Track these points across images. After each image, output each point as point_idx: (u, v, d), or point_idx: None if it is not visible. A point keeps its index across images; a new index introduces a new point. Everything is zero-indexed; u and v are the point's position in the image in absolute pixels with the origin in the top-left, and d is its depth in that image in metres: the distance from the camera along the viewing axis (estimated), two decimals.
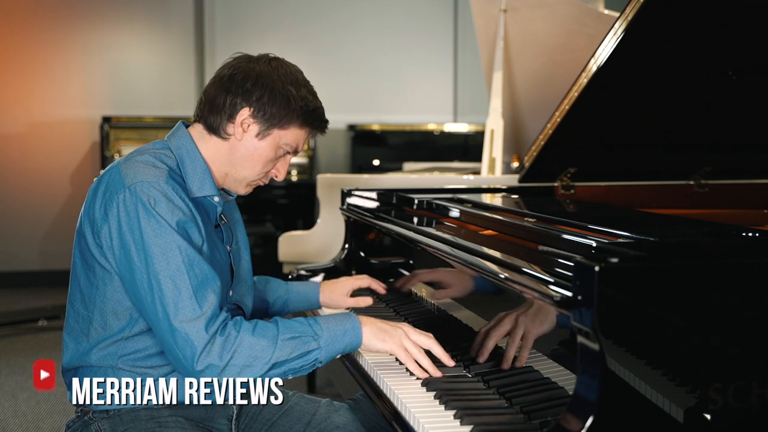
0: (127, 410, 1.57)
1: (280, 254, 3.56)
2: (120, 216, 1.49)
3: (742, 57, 2.39)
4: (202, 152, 1.64)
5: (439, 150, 6.81)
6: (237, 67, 1.62)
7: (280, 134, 1.62)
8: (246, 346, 1.46)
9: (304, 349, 1.50)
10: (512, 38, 3.57)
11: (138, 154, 1.59)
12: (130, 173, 1.52)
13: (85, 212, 1.57)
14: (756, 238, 1.44)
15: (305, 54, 7.04)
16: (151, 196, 1.49)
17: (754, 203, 2.76)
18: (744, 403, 1.18)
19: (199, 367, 1.44)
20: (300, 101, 1.61)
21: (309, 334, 1.51)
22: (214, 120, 1.62)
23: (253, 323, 1.51)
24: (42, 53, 6.53)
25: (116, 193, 1.51)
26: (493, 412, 1.38)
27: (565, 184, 2.75)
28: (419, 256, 2.10)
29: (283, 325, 1.51)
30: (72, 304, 1.62)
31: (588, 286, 1.14)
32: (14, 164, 6.55)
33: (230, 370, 1.46)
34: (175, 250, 1.47)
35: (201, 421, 1.62)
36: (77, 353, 1.59)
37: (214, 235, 1.65)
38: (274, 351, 1.47)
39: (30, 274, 6.55)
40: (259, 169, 1.65)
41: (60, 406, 3.58)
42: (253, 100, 1.59)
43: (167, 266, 1.46)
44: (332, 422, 1.73)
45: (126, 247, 1.49)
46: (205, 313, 1.46)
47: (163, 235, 1.47)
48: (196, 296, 1.46)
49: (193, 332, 1.44)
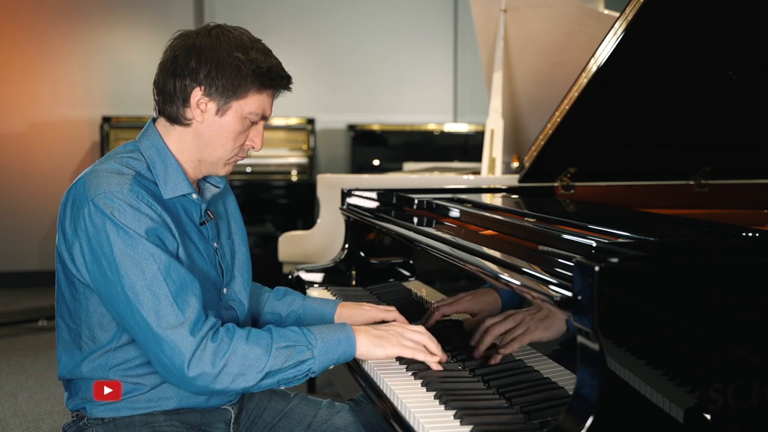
0: (122, 416, 1.55)
1: (280, 254, 3.56)
2: (88, 231, 1.45)
3: (742, 57, 2.39)
4: (170, 146, 1.57)
5: (439, 150, 6.81)
6: (177, 48, 1.54)
7: (241, 104, 1.54)
8: (239, 354, 1.42)
9: (298, 359, 1.46)
10: (512, 38, 3.57)
11: (104, 161, 1.54)
12: (93, 185, 1.47)
13: (59, 227, 1.54)
14: (756, 238, 1.44)
15: (305, 54, 7.04)
16: (114, 207, 1.44)
17: (754, 203, 2.76)
18: (744, 403, 1.18)
19: (191, 374, 1.40)
20: (250, 65, 1.52)
21: (303, 344, 1.48)
22: (171, 109, 1.55)
23: (246, 331, 1.47)
24: (42, 53, 6.53)
25: (81, 208, 1.47)
26: (493, 412, 1.38)
27: (565, 184, 2.75)
28: (419, 256, 2.10)
29: (276, 334, 1.47)
30: (61, 318, 1.61)
31: (588, 286, 1.14)
32: (14, 164, 6.55)
33: (223, 378, 1.41)
34: (149, 258, 1.42)
35: (198, 425, 1.60)
36: (70, 366, 1.58)
37: (195, 235, 1.60)
38: (268, 359, 1.43)
39: (30, 274, 6.55)
40: (230, 145, 1.57)
41: (60, 406, 3.58)
42: (201, 78, 1.51)
43: (143, 276, 1.42)
44: (333, 424, 1.72)
45: (98, 262, 1.45)
46: (189, 318, 1.41)
47: (134, 245, 1.42)
48: (177, 302, 1.42)
49: (178, 339, 1.40)
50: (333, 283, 2.48)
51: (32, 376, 4.01)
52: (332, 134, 7.12)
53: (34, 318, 5.08)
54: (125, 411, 1.55)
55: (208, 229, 1.64)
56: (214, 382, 1.42)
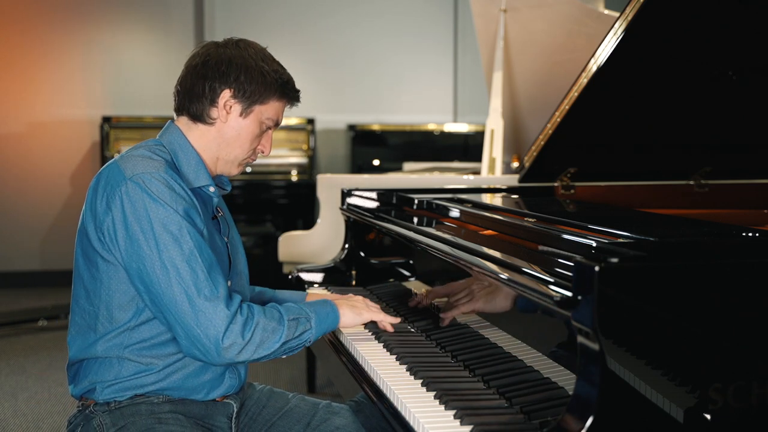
0: (128, 404, 1.58)
1: (280, 254, 3.56)
2: (125, 207, 1.52)
3: (742, 57, 2.39)
4: (192, 143, 1.68)
5: (439, 150, 6.81)
6: (207, 54, 1.68)
7: (262, 109, 1.68)
8: (261, 326, 1.54)
9: (302, 329, 1.61)
10: (512, 38, 3.57)
11: (134, 150, 1.63)
12: (129, 166, 1.56)
13: (87, 209, 1.59)
14: (756, 238, 1.44)
15: (306, 54, 7.04)
16: (153, 185, 1.53)
17: (754, 203, 2.76)
18: (744, 403, 1.18)
19: (225, 344, 1.49)
20: (274, 75, 1.68)
21: (305, 316, 1.63)
22: (197, 108, 1.67)
23: (263, 307, 1.59)
24: (42, 53, 6.53)
25: (118, 186, 1.53)
26: (493, 412, 1.38)
27: (565, 184, 2.75)
28: (419, 256, 2.10)
29: (284, 309, 1.61)
30: (77, 302, 1.64)
31: (588, 286, 1.14)
32: (14, 164, 6.55)
33: (248, 348, 1.52)
34: (186, 235, 1.52)
35: (201, 418, 1.63)
36: (84, 346, 1.60)
37: (211, 226, 1.68)
38: (284, 330, 1.57)
39: (30, 274, 6.55)
40: (247, 146, 1.71)
41: (60, 406, 3.58)
42: (231, 81, 1.65)
43: (181, 251, 1.50)
44: (332, 424, 1.73)
45: (133, 237, 1.51)
46: (221, 293, 1.52)
47: (173, 221, 1.51)
48: (211, 277, 1.52)
49: (216, 311, 1.49)
50: (333, 283, 2.48)
51: (32, 376, 4.01)
52: (332, 134, 7.13)
53: (34, 318, 5.07)
54: (133, 390, 1.58)
55: (220, 223, 1.73)
56: (241, 353, 1.51)
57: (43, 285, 6.37)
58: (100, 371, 1.59)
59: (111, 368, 1.58)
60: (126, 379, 1.58)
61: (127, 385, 1.58)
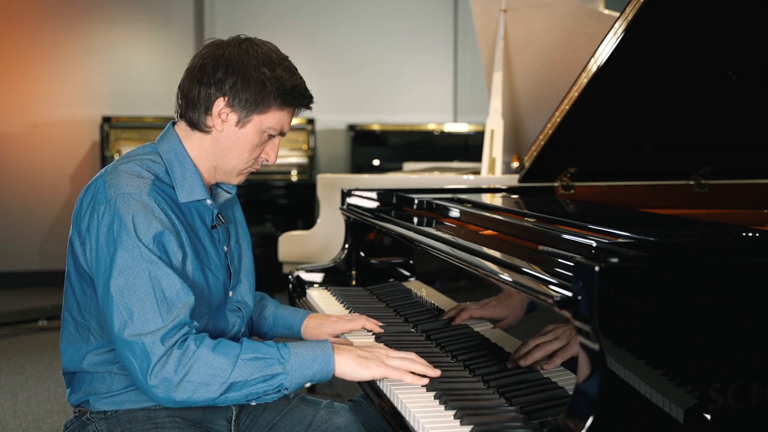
0: (124, 411, 1.57)
1: (280, 254, 3.56)
2: (99, 228, 1.48)
3: (742, 57, 2.39)
4: (189, 151, 1.61)
5: (439, 150, 6.81)
6: (206, 56, 1.57)
7: (261, 119, 1.57)
8: (203, 363, 1.40)
9: (268, 372, 1.42)
10: (512, 38, 3.57)
11: (124, 161, 1.57)
12: (114, 184, 1.50)
13: (74, 222, 1.57)
14: (756, 238, 1.44)
15: (306, 54, 7.04)
16: (129, 208, 1.46)
17: (754, 203, 2.76)
18: (744, 403, 1.18)
19: (152, 382, 1.39)
20: (275, 82, 1.55)
21: (274, 357, 1.44)
22: (193, 115, 1.58)
23: (217, 340, 1.45)
24: (42, 53, 6.53)
25: (99, 205, 1.50)
26: (493, 412, 1.38)
27: (565, 184, 2.75)
28: (419, 256, 2.10)
29: (247, 345, 1.45)
30: (69, 312, 1.62)
31: (588, 286, 1.14)
32: (14, 164, 6.55)
33: (185, 387, 1.39)
34: (142, 264, 1.44)
35: (199, 422, 1.61)
36: (75, 357, 1.60)
37: (207, 238, 1.63)
38: (233, 370, 1.40)
39: (30, 274, 6.55)
40: (246, 156, 1.61)
41: (60, 406, 3.58)
42: (226, 89, 1.54)
43: (133, 280, 1.43)
44: (333, 424, 1.72)
45: (99, 259, 1.48)
46: (166, 326, 1.41)
47: (133, 249, 1.44)
48: (160, 311, 1.42)
49: (149, 343, 1.40)
50: (333, 283, 2.48)
51: (32, 376, 4.01)
52: (332, 134, 7.12)
53: (34, 318, 5.07)
54: (128, 404, 1.57)
55: (219, 233, 1.67)
56: (175, 391, 1.39)
57: (43, 285, 6.37)
58: (93, 383, 1.58)
59: (103, 381, 1.57)
60: (119, 392, 1.57)
61: (121, 399, 1.57)
